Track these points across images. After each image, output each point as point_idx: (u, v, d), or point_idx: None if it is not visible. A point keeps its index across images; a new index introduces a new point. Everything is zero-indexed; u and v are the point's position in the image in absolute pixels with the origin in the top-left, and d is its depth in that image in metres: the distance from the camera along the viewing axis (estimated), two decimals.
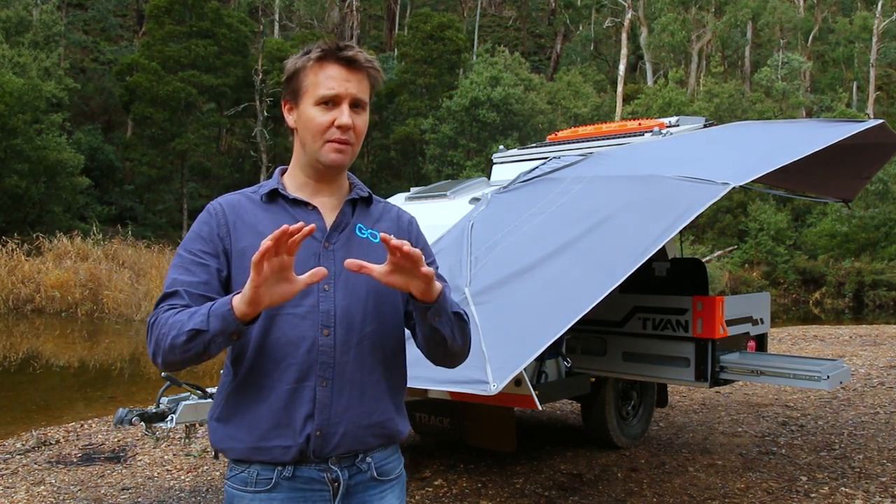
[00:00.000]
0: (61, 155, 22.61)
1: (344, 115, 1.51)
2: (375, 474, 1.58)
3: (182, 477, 4.77)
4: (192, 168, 28.67)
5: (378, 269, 1.38)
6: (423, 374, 2.76)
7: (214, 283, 1.51)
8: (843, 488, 4.28)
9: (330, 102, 1.51)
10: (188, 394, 3.80)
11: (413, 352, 1.69)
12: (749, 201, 26.00)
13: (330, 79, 1.51)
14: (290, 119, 1.59)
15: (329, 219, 1.57)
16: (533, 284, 3.00)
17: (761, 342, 4.93)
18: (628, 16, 34.67)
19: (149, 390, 7.94)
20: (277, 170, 1.66)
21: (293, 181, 1.61)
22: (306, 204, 1.56)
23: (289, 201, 1.56)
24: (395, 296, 1.58)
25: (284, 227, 1.26)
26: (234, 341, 1.40)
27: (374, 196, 1.67)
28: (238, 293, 1.35)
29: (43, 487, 4.60)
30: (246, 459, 1.51)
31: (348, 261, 1.37)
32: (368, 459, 1.57)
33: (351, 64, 1.52)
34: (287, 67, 1.57)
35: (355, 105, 1.53)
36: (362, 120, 1.56)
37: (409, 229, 1.68)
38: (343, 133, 1.51)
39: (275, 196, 1.57)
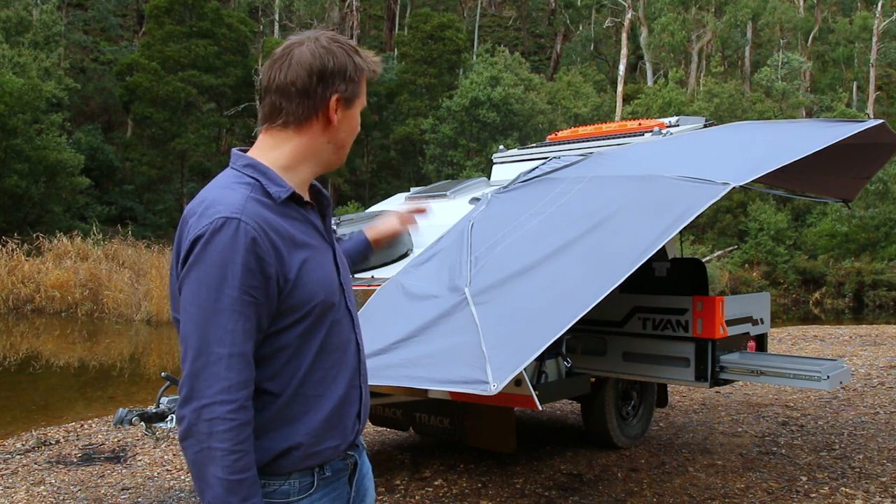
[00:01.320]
0: (61, 155, 22.63)
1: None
2: (364, 445, 1.68)
3: (182, 477, 4.77)
4: (192, 168, 28.68)
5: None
6: (423, 374, 2.77)
7: (263, 323, 1.37)
8: (843, 488, 4.28)
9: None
10: None
11: (414, 352, 1.74)
12: (749, 201, 26.00)
13: (365, 94, 1.57)
14: (334, 116, 1.48)
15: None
16: (533, 284, 3.00)
17: (761, 342, 4.93)
18: (628, 16, 34.67)
19: (149, 390, 7.94)
20: (258, 161, 1.46)
21: (295, 177, 1.49)
22: (308, 204, 1.53)
23: (301, 203, 1.48)
24: None
25: None
26: None
27: None
28: None
29: (43, 487, 4.60)
30: (289, 472, 1.45)
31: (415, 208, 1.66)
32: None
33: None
34: (348, 64, 1.47)
35: None
36: None
37: None
38: None
39: (288, 201, 1.46)
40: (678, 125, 5.09)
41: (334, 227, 1.73)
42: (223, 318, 1.31)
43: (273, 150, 1.48)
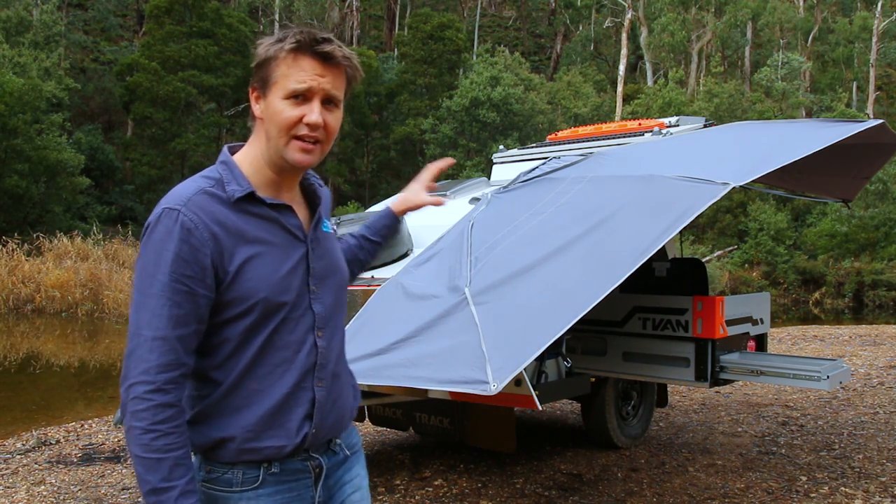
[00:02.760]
0: (61, 155, 22.62)
1: (314, 112, 1.43)
2: (346, 452, 1.64)
3: None
4: (192, 168, 28.62)
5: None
6: (422, 373, 2.77)
7: (201, 312, 1.40)
8: (843, 488, 4.28)
9: (300, 97, 1.43)
10: None
11: (414, 352, 1.73)
12: (749, 201, 26.00)
13: (302, 72, 1.42)
14: (256, 109, 1.49)
15: (301, 214, 1.54)
16: (533, 284, 3.00)
17: (761, 342, 4.93)
18: (628, 16, 34.67)
19: None
20: (230, 159, 1.50)
21: (259, 176, 1.49)
22: (284, 206, 1.50)
23: (266, 204, 1.47)
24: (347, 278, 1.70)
25: None
26: None
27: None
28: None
29: (43, 487, 4.60)
30: (231, 462, 1.47)
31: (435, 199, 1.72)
32: (339, 441, 1.62)
33: (327, 59, 1.44)
34: (258, 53, 1.46)
35: (328, 101, 1.46)
36: (335, 117, 1.48)
37: (328, 209, 1.67)
38: (312, 131, 1.44)
39: (249, 199, 1.46)
40: (678, 125, 5.08)
41: (334, 226, 1.67)
42: (153, 302, 1.36)
43: (247, 147, 1.53)
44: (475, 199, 4.28)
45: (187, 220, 1.38)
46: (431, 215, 4.73)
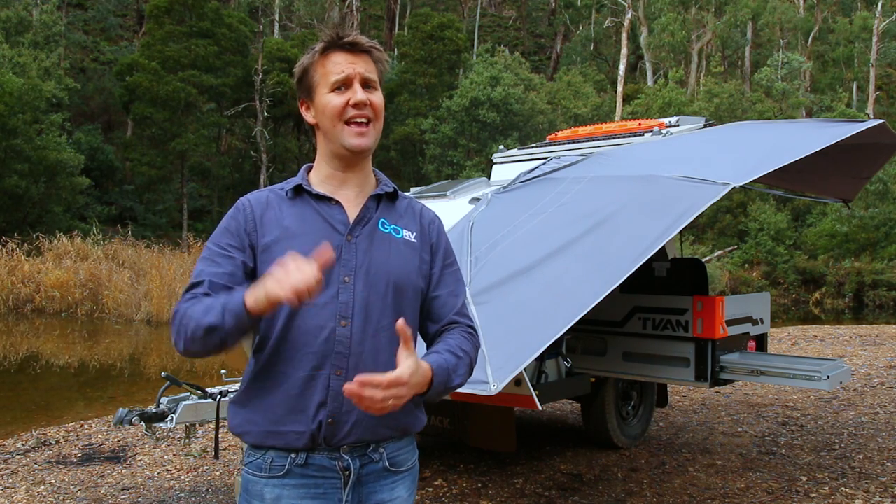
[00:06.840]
0: (61, 155, 22.63)
1: (357, 92, 1.57)
2: (388, 465, 1.61)
3: (182, 477, 4.77)
4: (192, 168, 28.66)
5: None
6: None
7: (239, 274, 1.57)
8: (843, 488, 4.28)
9: (342, 87, 1.58)
10: (188, 394, 3.80)
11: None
12: (749, 201, 25.99)
13: (337, 64, 1.58)
14: (308, 117, 1.66)
15: (352, 213, 1.62)
16: (533, 284, 3.00)
17: (761, 342, 4.93)
18: (628, 16, 34.66)
19: (149, 390, 7.94)
20: (304, 167, 1.71)
21: (318, 174, 1.66)
22: (329, 199, 1.62)
23: (313, 196, 1.62)
24: (416, 294, 1.65)
25: (316, 277, 1.35)
26: (249, 333, 1.47)
27: (399, 192, 1.72)
28: (251, 288, 1.42)
29: (43, 487, 4.60)
30: (261, 445, 1.56)
31: (346, 387, 1.38)
32: (381, 450, 1.60)
33: (354, 48, 1.59)
34: (297, 70, 1.64)
35: (366, 85, 1.60)
36: (377, 97, 1.61)
37: (429, 228, 1.71)
38: (360, 110, 1.58)
39: (300, 191, 1.63)
40: (678, 125, 5.08)
41: (411, 235, 1.73)
42: (199, 262, 1.60)
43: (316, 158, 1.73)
44: (475, 199, 4.27)
45: (241, 203, 1.63)
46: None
